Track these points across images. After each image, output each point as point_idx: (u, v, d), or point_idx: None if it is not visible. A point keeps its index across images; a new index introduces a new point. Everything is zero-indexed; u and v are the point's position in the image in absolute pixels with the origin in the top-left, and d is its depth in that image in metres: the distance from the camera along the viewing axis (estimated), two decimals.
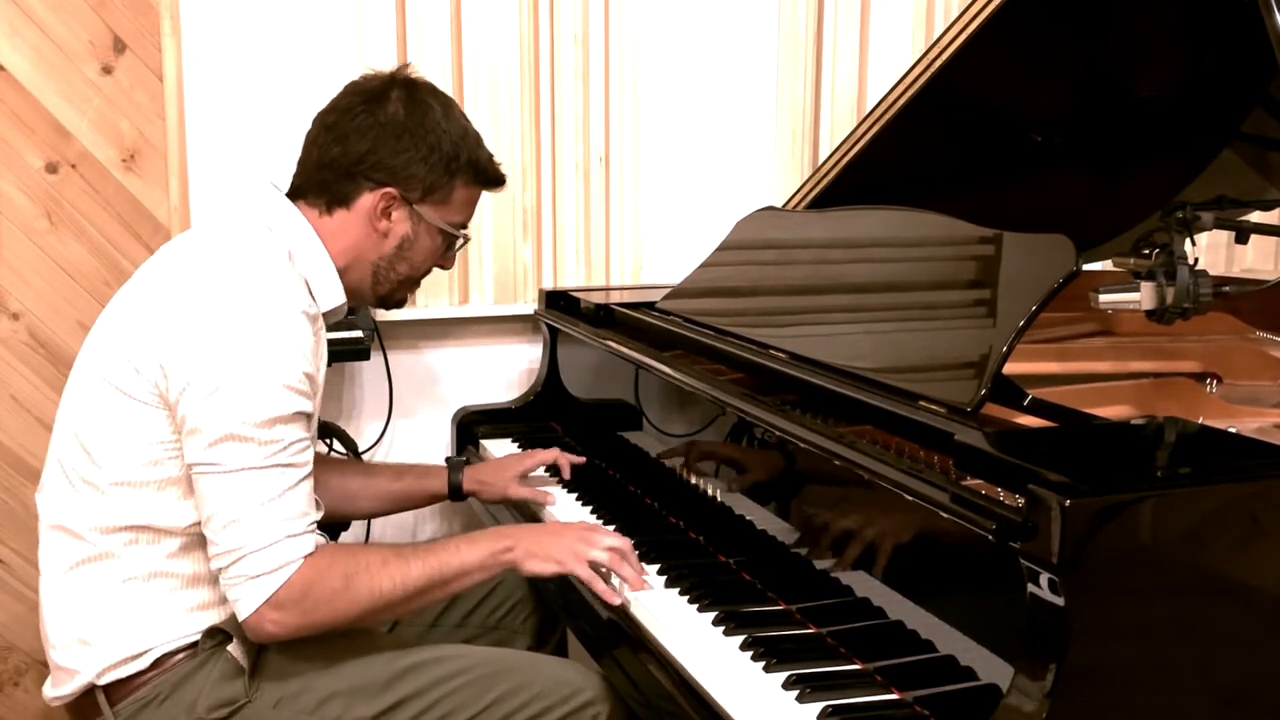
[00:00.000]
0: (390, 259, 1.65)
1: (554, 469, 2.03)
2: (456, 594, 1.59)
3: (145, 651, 1.49)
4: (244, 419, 1.41)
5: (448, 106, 1.65)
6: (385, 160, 1.59)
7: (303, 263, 1.57)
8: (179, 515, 1.49)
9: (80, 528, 1.50)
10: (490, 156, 1.70)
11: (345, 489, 1.92)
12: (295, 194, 1.64)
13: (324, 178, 1.61)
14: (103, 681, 1.49)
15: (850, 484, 1.40)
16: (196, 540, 1.49)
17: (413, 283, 1.73)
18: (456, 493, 1.96)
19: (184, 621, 1.51)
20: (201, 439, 1.42)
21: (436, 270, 1.74)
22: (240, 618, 1.44)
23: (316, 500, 1.49)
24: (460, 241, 1.72)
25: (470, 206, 1.70)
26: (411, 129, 1.59)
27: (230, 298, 1.46)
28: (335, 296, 1.62)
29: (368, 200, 1.60)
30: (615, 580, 1.57)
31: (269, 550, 1.41)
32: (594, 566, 1.56)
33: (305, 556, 1.43)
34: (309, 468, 1.47)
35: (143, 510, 1.48)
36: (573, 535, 1.60)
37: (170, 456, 1.48)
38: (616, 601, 1.54)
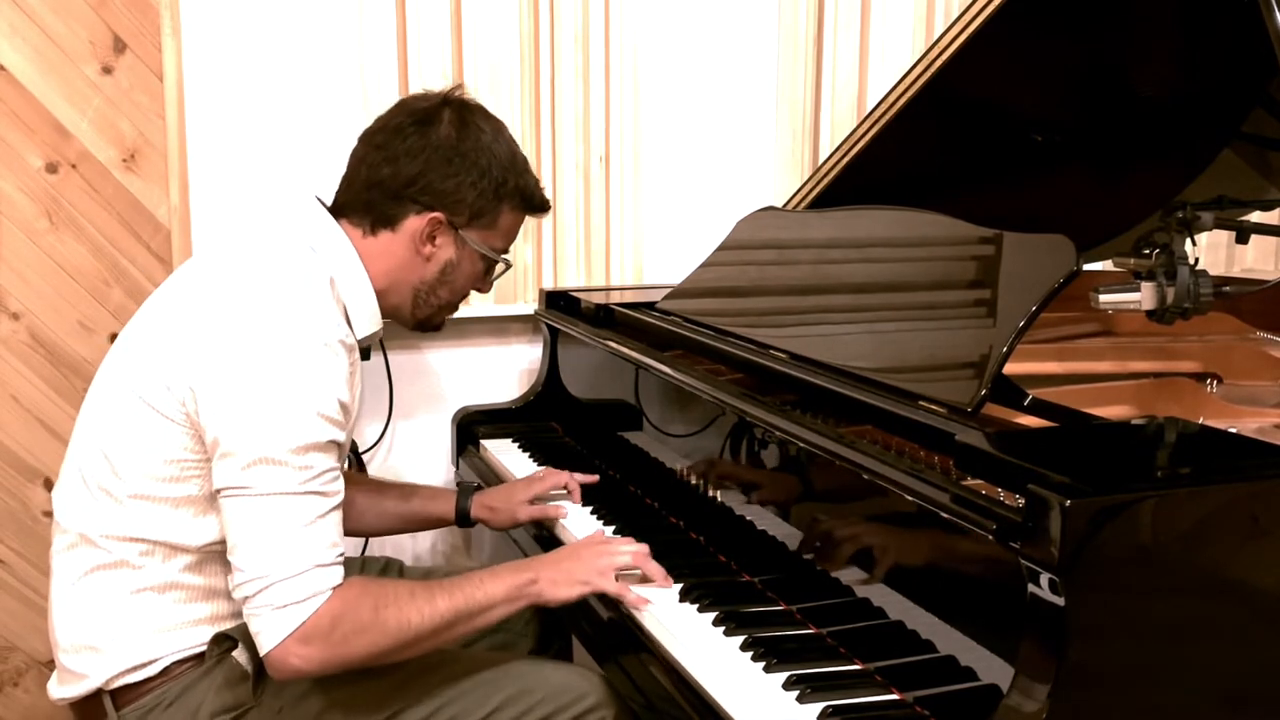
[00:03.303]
0: (432, 284, 1.64)
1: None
2: (482, 629, 1.54)
3: (155, 660, 1.48)
4: (279, 443, 1.38)
5: (499, 131, 1.65)
6: (435, 184, 1.58)
7: (344, 288, 1.55)
8: (194, 533, 1.48)
9: (96, 535, 1.49)
10: (537, 183, 1.70)
11: (350, 504, 1.86)
12: (339, 211, 1.62)
13: (371, 198, 1.59)
14: (111, 687, 1.49)
15: (850, 484, 1.40)
16: (212, 556, 1.48)
17: (452, 307, 1.71)
18: (464, 519, 1.94)
19: (195, 632, 1.50)
20: (234, 462, 1.39)
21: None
22: (263, 651, 1.39)
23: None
24: (501, 267, 1.70)
25: (514, 232, 1.69)
26: (463, 153, 1.58)
27: (269, 323, 1.43)
28: (372, 324, 1.61)
29: (414, 223, 1.59)
30: (638, 588, 1.55)
31: (297, 580, 1.37)
32: (618, 575, 1.55)
33: (334, 588, 1.40)
34: (339, 498, 1.44)
35: (158, 525, 1.47)
36: (590, 552, 1.58)
37: (190, 475, 1.46)
38: (645, 610, 1.51)
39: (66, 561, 1.53)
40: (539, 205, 1.70)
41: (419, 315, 1.68)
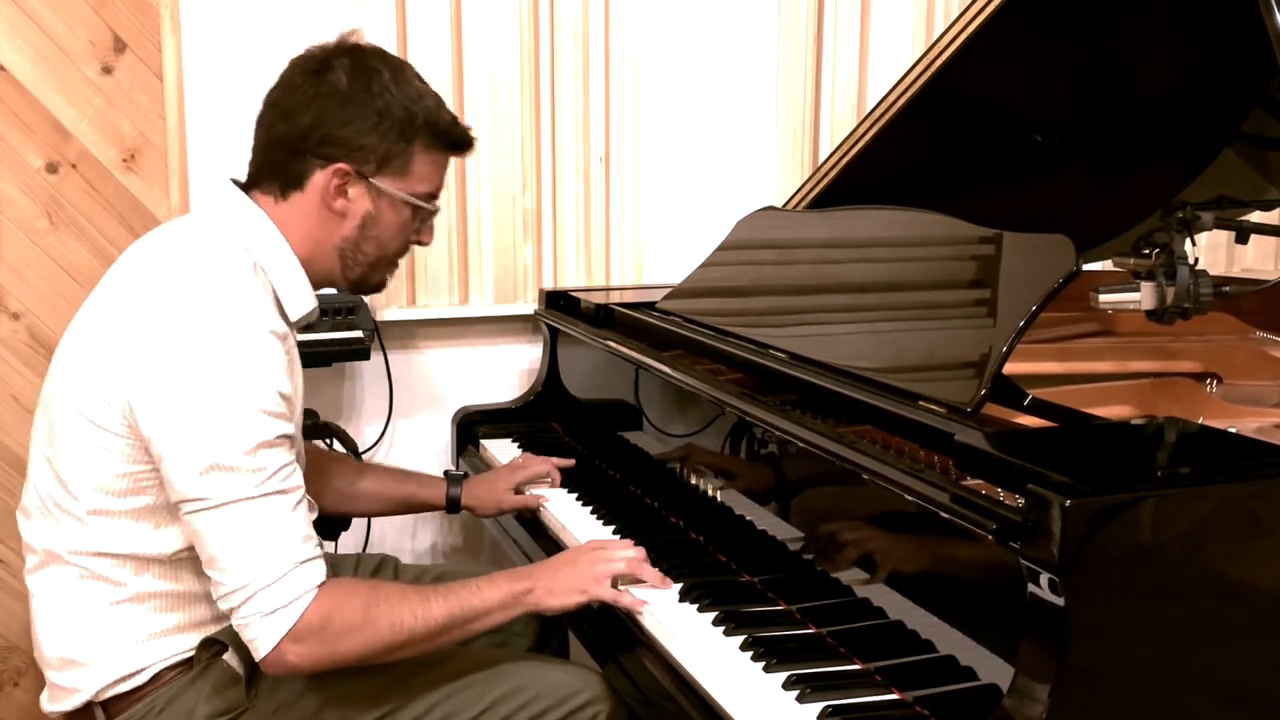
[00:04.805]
0: (354, 240, 1.54)
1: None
2: (476, 635, 1.52)
3: (143, 669, 1.47)
4: (227, 449, 1.34)
5: (399, 70, 1.53)
6: (333, 133, 1.48)
7: (269, 267, 1.49)
8: (160, 543, 1.45)
9: (64, 553, 1.47)
10: (454, 119, 1.57)
11: (348, 490, 1.92)
12: (251, 184, 1.54)
13: (273, 159, 1.51)
14: (101, 699, 1.48)
15: (850, 484, 1.40)
16: (185, 563, 1.46)
17: (385, 263, 1.61)
18: (453, 505, 1.99)
19: (180, 639, 1.49)
20: (185, 473, 1.36)
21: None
22: (259, 657, 1.37)
23: (310, 501, 1.45)
24: (430, 214, 1.60)
25: (437, 174, 1.58)
26: (356, 97, 1.48)
27: (194, 325, 1.38)
28: (305, 303, 1.54)
29: (320, 179, 1.50)
30: (636, 589, 1.55)
31: (281, 583, 1.35)
32: (614, 581, 1.55)
33: (319, 585, 1.38)
34: (301, 490, 1.41)
35: (122, 539, 1.45)
36: (586, 559, 1.58)
37: (145, 486, 1.43)
38: (644, 610, 1.52)
39: (40, 581, 1.51)
40: (457, 141, 1.57)
41: (351, 276, 1.58)
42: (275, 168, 1.52)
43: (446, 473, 2.07)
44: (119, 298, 1.47)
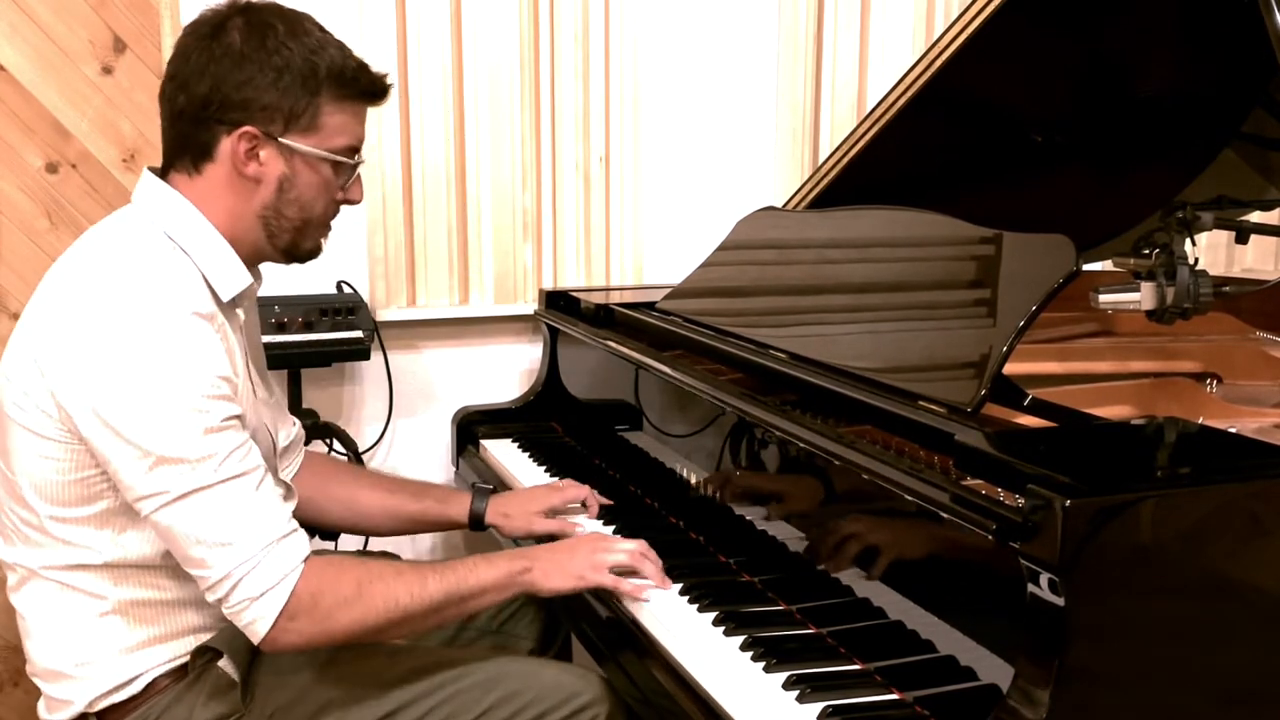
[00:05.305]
0: (274, 205, 1.47)
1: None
2: (473, 613, 1.51)
3: (135, 678, 1.46)
4: (169, 440, 1.31)
5: (295, 22, 1.46)
6: (231, 96, 1.41)
7: (192, 248, 1.43)
8: (127, 548, 1.43)
9: (39, 569, 1.45)
10: (361, 64, 1.49)
11: (357, 501, 1.83)
12: (166, 166, 1.49)
13: (180, 133, 1.45)
14: (96, 709, 1.47)
15: (850, 484, 1.40)
16: (163, 570, 1.44)
17: (314, 227, 1.53)
18: (478, 523, 1.85)
19: (170, 646, 1.48)
20: (133, 472, 1.33)
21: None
22: (257, 640, 1.37)
23: (288, 486, 1.43)
24: (353, 168, 1.52)
25: (353, 126, 1.50)
26: (252, 55, 1.41)
27: (115, 316, 1.34)
28: (238, 280, 1.47)
29: (228, 145, 1.43)
30: (635, 581, 1.56)
31: (264, 564, 1.34)
32: (614, 571, 1.55)
33: (305, 560, 1.37)
34: (262, 469, 1.38)
35: (91, 549, 1.42)
36: (587, 547, 1.58)
37: (98, 491, 1.40)
38: (645, 597, 1.52)
39: (23, 599, 1.49)
40: (368, 88, 1.49)
41: (279, 244, 1.51)
42: (183, 142, 1.45)
43: (473, 485, 1.96)
44: (40, 303, 1.44)
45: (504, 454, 2.29)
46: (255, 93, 1.42)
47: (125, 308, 1.35)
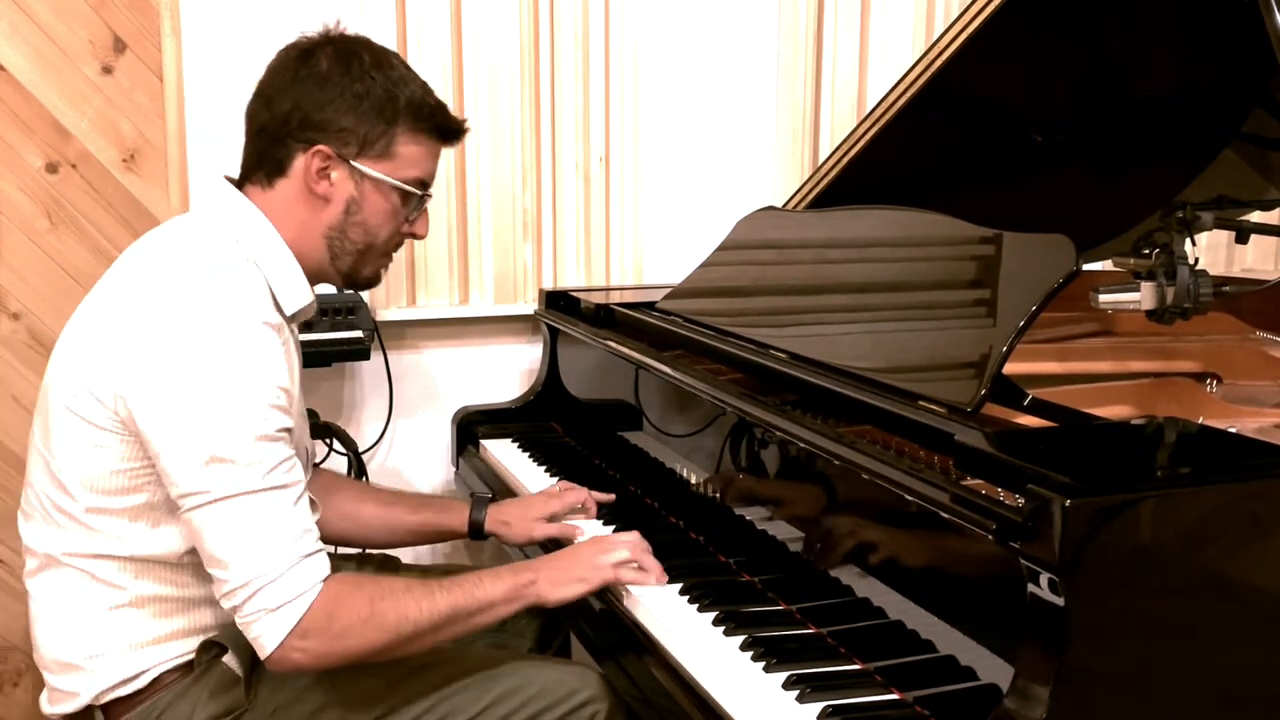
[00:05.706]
0: (340, 226, 1.52)
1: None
2: (481, 628, 1.52)
3: (142, 673, 1.47)
4: (226, 439, 1.34)
5: (382, 55, 1.52)
6: (312, 116, 1.47)
7: (263, 261, 1.48)
8: (157, 543, 1.45)
9: (61, 556, 1.47)
10: (440, 104, 1.54)
11: (358, 515, 1.85)
12: (243, 178, 1.54)
13: (259, 148, 1.51)
14: (101, 702, 1.48)
15: (850, 484, 1.40)
16: (183, 568, 1.46)
17: (376, 254, 1.57)
18: (477, 531, 1.87)
19: (180, 643, 1.49)
20: (185, 466, 1.35)
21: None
22: (264, 654, 1.36)
23: (313, 501, 1.45)
24: (421, 201, 1.56)
25: (426, 160, 1.55)
26: (335, 79, 1.47)
27: (190, 319, 1.38)
28: (301, 297, 1.52)
29: (302, 162, 1.48)
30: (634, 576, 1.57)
31: (285, 578, 1.34)
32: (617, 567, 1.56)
33: (324, 580, 1.38)
34: (302, 485, 1.40)
35: (121, 540, 1.44)
36: (587, 550, 1.59)
37: (141, 484, 1.42)
38: (654, 584, 1.54)
39: (39, 584, 1.50)
40: (442, 124, 1.54)
41: (341, 266, 1.55)
42: (261, 156, 1.51)
43: (473, 495, 1.97)
44: (112, 297, 1.47)
45: (504, 454, 2.29)
46: (334, 114, 1.47)
47: (201, 310, 1.38)
